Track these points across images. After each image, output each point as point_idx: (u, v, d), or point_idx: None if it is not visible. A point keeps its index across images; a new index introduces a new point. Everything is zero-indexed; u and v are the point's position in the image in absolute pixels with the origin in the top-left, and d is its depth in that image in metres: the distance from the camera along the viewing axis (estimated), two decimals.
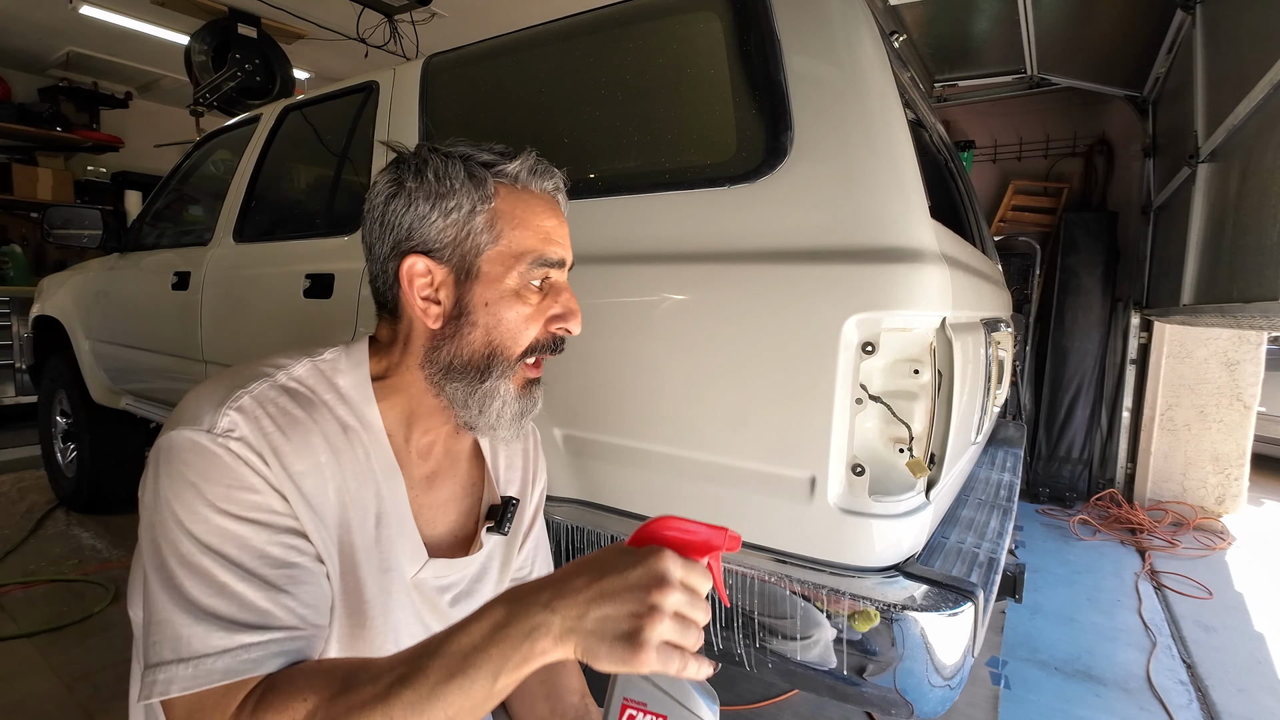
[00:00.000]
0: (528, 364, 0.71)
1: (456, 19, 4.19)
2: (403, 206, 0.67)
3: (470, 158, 0.69)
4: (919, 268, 0.92)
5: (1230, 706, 1.83)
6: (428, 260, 0.67)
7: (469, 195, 0.67)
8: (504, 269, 0.68)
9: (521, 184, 0.70)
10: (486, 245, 0.67)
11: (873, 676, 0.93)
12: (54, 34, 4.54)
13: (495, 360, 0.69)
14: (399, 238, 0.68)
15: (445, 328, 0.68)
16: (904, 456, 0.98)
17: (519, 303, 0.69)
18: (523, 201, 0.70)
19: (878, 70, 1.02)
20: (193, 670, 0.53)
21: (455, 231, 0.67)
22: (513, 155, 0.71)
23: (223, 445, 0.58)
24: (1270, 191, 1.55)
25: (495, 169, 0.69)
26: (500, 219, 0.68)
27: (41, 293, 3.05)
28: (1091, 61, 3.27)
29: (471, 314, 0.68)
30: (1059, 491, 3.57)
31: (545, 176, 0.72)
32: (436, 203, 0.67)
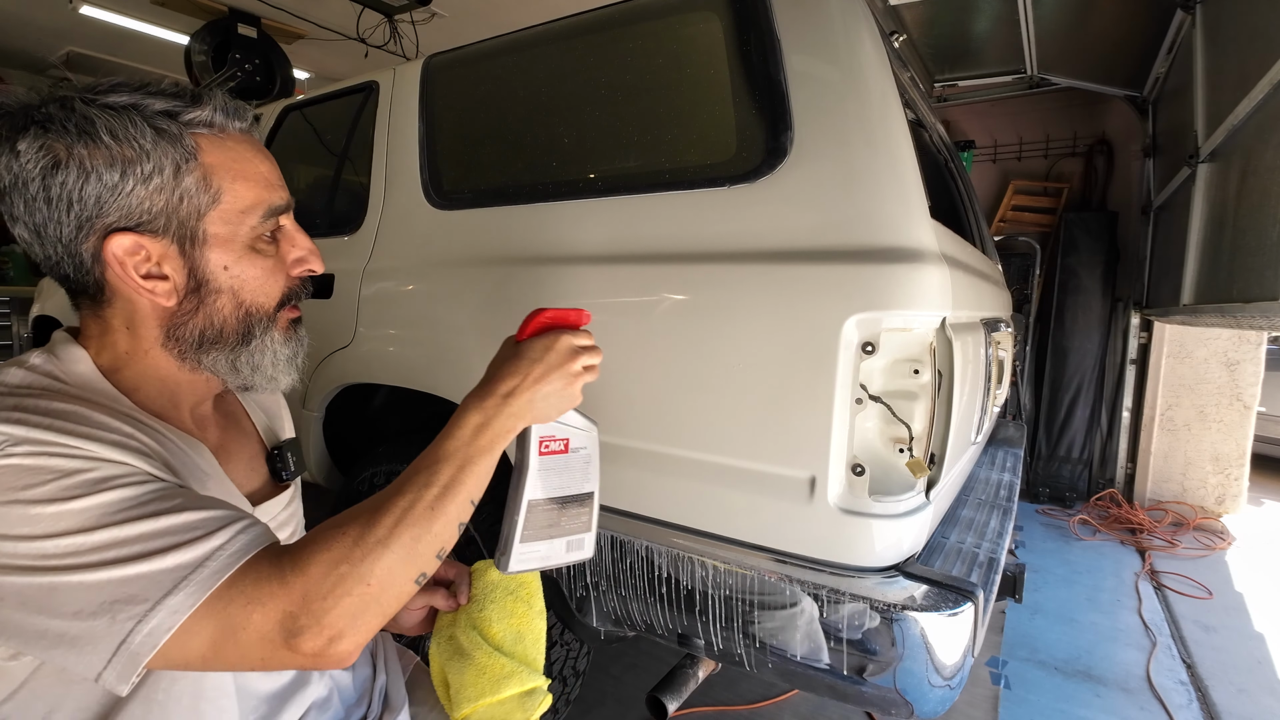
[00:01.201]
0: (285, 311, 0.68)
1: (456, 19, 4.18)
2: (76, 178, 0.56)
3: (141, 107, 0.58)
4: (919, 268, 0.92)
5: (1230, 706, 1.83)
6: (136, 236, 0.58)
7: (166, 154, 0.58)
8: (233, 227, 0.62)
9: (218, 128, 0.62)
10: (207, 206, 0.60)
11: (873, 676, 0.94)
12: (54, 34, 4.54)
13: (253, 320, 0.65)
14: (85, 215, 0.57)
15: (184, 303, 0.62)
16: (904, 456, 0.98)
17: (258, 257, 0.64)
18: (230, 150, 0.62)
19: (878, 70, 1.02)
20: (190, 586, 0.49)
21: (165, 198, 0.58)
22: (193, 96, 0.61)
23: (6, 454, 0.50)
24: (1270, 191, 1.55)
25: (185, 119, 0.60)
26: (214, 174, 0.60)
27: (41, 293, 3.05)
28: (1091, 61, 3.27)
29: (212, 281, 0.62)
30: (1059, 491, 3.57)
31: (238, 115, 0.64)
32: (127, 169, 0.57)
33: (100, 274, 0.60)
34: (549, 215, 1.27)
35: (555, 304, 0.72)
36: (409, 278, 1.46)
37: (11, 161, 0.56)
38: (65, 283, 0.62)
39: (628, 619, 1.17)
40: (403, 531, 0.55)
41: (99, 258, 0.59)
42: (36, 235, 0.59)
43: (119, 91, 0.58)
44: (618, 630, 1.23)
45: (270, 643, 0.50)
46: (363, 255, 1.55)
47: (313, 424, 1.63)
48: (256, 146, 0.66)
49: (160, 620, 0.48)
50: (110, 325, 0.62)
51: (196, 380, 0.66)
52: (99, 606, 0.48)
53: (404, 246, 1.50)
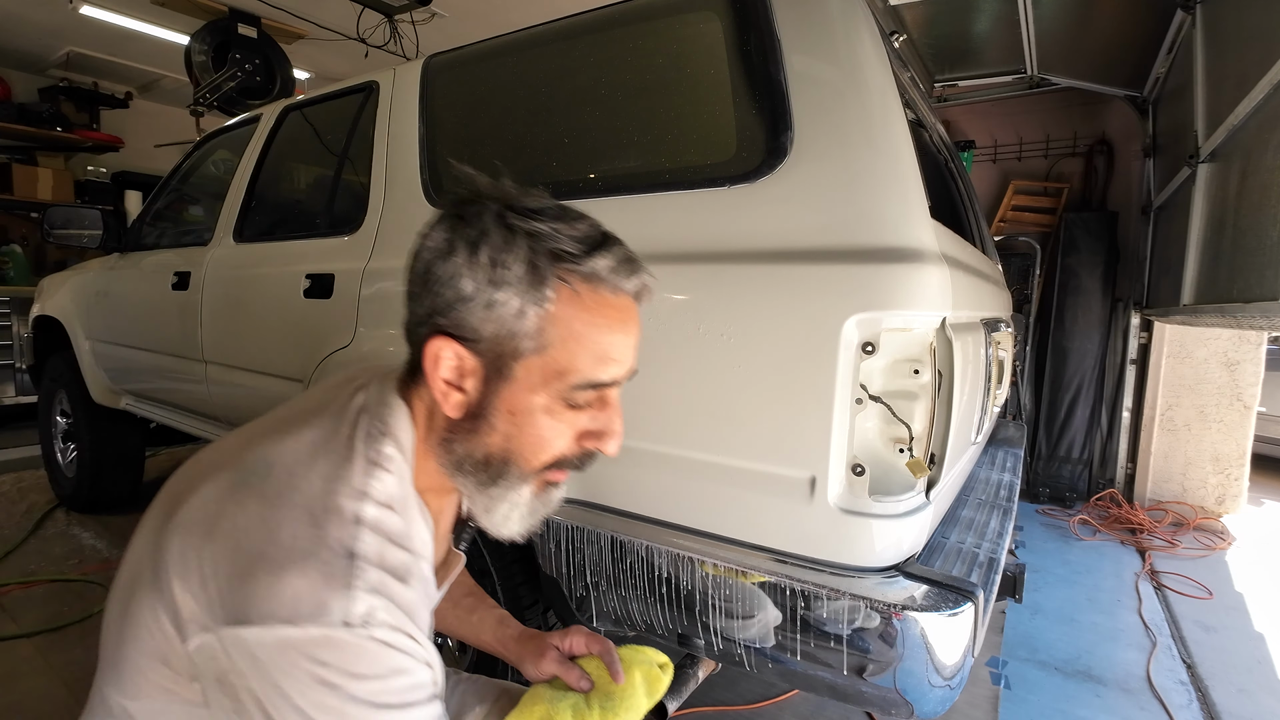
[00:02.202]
0: (549, 473, 0.64)
1: (456, 19, 4.19)
2: (447, 275, 0.58)
3: (538, 239, 0.58)
4: (919, 268, 0.92)
5: (1230, 706, 1.83)
6: (458, 346, 0.59)
7: (522, 293, 0.57)
8: (539, 381, 0.60)
9: (596, 282, 0.60)
10: (528, 353, 0.59)
11: (873, 676, 0.93)
12: (54, 34, 4.54)
13: (509, 469, 0.63)
14: (436, 307, 0.60)
15: (463, 421, 0.62)
16: (904, 456, 0.98)
17: (549, 418, 0.61)
18: (587, 310, 0.59)
19: (878, 70, 1.02)
20: None
21: (496, 327, 0.58)
22: (595, 244, 0.60)
23: (366, 637, 0.51)
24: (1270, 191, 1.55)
25: (566, 264, 0.58)
26: (552, 327, 0.58)
27: (41, 293, 3.05)
28: (1091, 61, 3.27)
29: (492, 417, 0.61)
30: (1059, 491, 3.57)
31: (628, 274, 0.61)
32: (483, 289, 0.57)
33: (420, 360, 0.62)
34: None
35: None
36: None
37: (425, 237, 0.62)
38: (408, 342, 0.66)
39: (628, 619, 1.17)
40: None
41: (422, 347, 0.62)
42: (410, 298, 0.63)
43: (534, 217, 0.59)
44: (618, 630, 1.23)
45: None
46: (363, 255, 1.55)
47: None
48: (624, 316, 0.63)
49: None
50: (423, 405, 0.66)
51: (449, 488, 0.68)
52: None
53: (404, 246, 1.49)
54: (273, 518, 0.54)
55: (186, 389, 2.19)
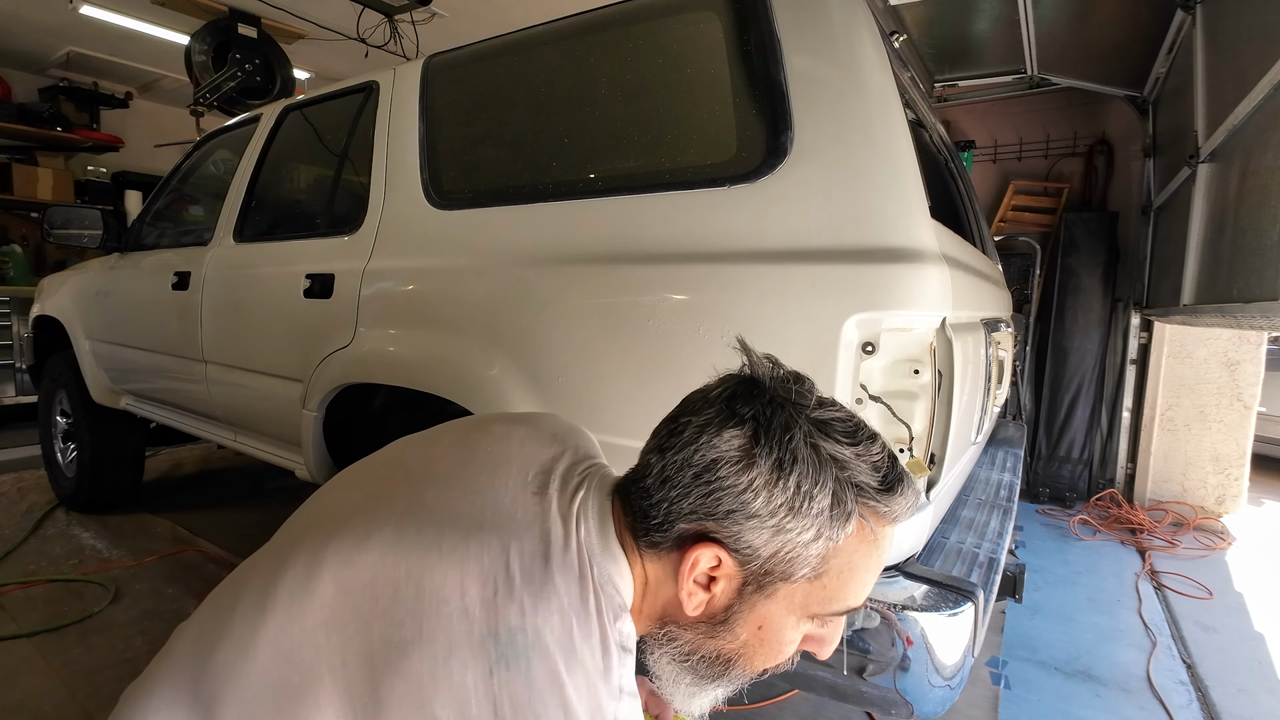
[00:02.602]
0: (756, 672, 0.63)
1: (456, 19, 4.19)
2: (735, 485, 0.54)
3: (845, 468, 0.55)
4: (919, 268, 0.92)
5: (1230, 706, 1.82)
6: (725, 553, 0.56)
7: (820, 526, 0.54)
8: (800, 604, 0.58)
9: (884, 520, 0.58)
10: (803, 579, 0.56)
11: (873, 676, 0.93)
12: (54, 34, 4.54)
13: (733, 673, 0.61)
14: (708, 511, 0.55)
15: (700, 621, 0.59)
16: (904, 456, 0.98)
17: (793, 632, 0.59)
18: (871, 545, 0.57)
19: (878, 70, 1.02)
20: None
21: (777, 550, 0.55)
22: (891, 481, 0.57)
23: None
24: (1270, 191, 1.55)
25: (867, 500, 0.56)
26: (835, 558, 0.56)
27: (41, 293, 3.05)
28: (1091, 61, 3.27)
29: (738, 629, 0.58)
30: (1059, 491, 3.57)
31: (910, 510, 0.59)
32: (776, 514, 0.54)
33: (669, 546, 0.58)
34: (549, 215, 1.27)
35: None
36: (409, 278, 1.46)
37: (710, 434, 0.56)
38: (643, 518, 0.59)
39: None
40: None
41: (682, 540, 0.57)
42: (662, 480, 0.57)
43: (835, 436, 0.56)
44: None
45: None
46: (363, 255, 1.55)
47: (312, 424, 1.63)
48: (892, 542, 0.61)
49: None
50: (640, 573, 0.61)
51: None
52: None
53: (404, 246, 1.50)
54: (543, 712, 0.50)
55: (186, 389, 2.19)
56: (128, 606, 2.14)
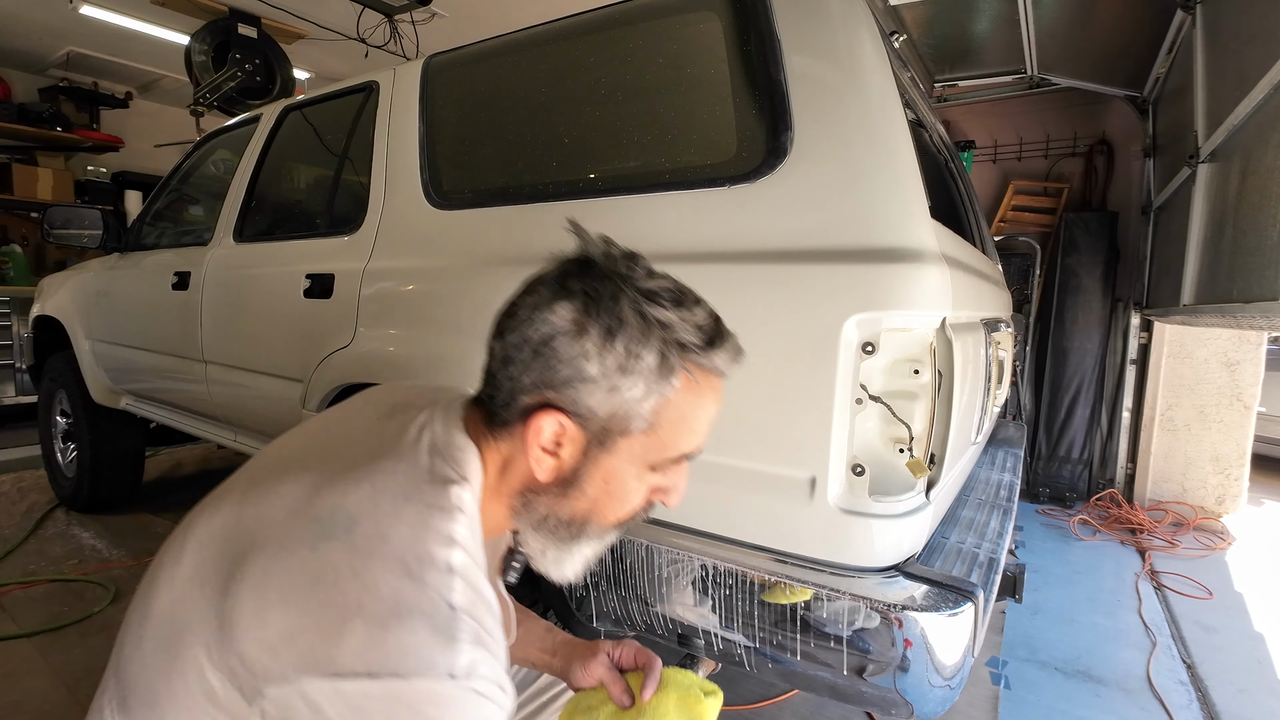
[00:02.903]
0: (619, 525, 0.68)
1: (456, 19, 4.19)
2: (569, 353, 0.58)
3: (668, 330, 0.60)
4: (919, 268, 0.92)
5: (1230, 707, 1.82)
6: (566, 419, 0.60)
7: (649, 381, 0.59)
8: (641, 455, 0.63)
9: (708, 372, 0.63)
10: (638, 431, 0.61)
11: (873, 676, 0.93)
12: (54, 34, 4.54)
13: (590, 529, 0.66)
14: (549, 381, 0.60)
15: (552, 485, 0.64)
16: (904, 456, 0.98)
17: (635, 481, 0.64)
18: (698, 397, 0.62)
19: (878, 70, 1.02)
20: None
21: (613, 409, 0.60)
22: (713, 337, 0.62)
23: (468, 689, 0.51)
24: (1270, 191, 1.55)
25: (691, 355, 0.61)
26: (666, 410, 0.61)
27: (41, 293, 3.05)
28: (1091, 61, 3.27)
29: (586, 485, 0.63)
30: (1059, 491, 3.57)
31: (734, 363, 0.64)
32: (610, 375, 0.58)
33: (515, 420, 0.62)
34: (549, 215, 1.27)
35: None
36: (409, 278, 1.46)
37: (542, 307, 0.60)
38: (488, 398, 0.65)
39: (628, 619, 1.17)
40: None
41: (526, 412, 0.61)
42: (503, 360, 0.62)
43: (660, 301, 0.60)
44: (618, 630, 1.23)
45: None
46: (363, 255, 1.55)
47: None
48: (719, 394, 0.66)
49: None
50: (498, 455, 0.65)
51: (508, 529, 0.70)
52: None
53: (404, 246, 1.50)
54: (367, 570, 0.53)
55: (186, 389, 2.19)
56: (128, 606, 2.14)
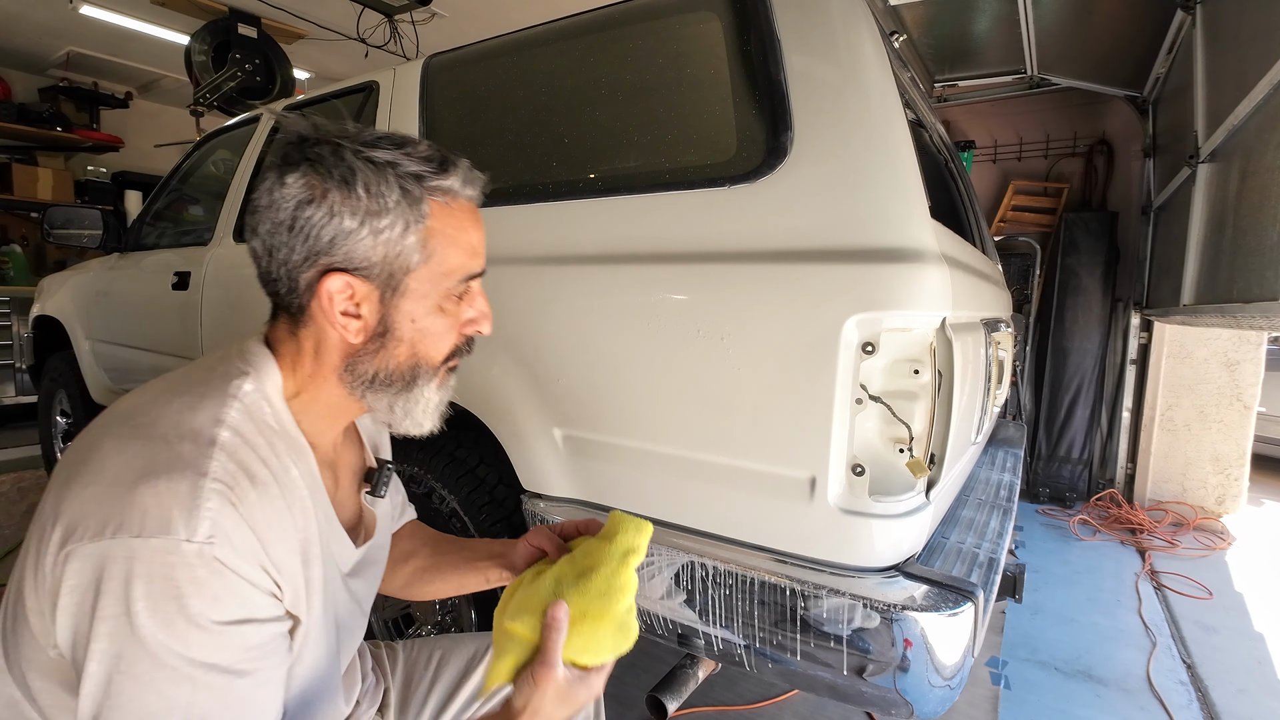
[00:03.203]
0: (446, 365, 0.72)
1: (456, 19, 4.19)
2: (322, 216, 0.61)
3: (398, 166, 0.63)
4: (919, 268, 0.92)
5: (1230, 707, 1.83)
6: (350, 277, 0.63)
7: (403, 214, 0.63)
8: (431, 286, 0.67)
9: (453, 196, 0.67)
10: (418, 264, 0.65)
11: (873, 676, 0.94)
12: (54, 34, 4.54)
13: (420, 370, 0.69)
14: (316, 249, 0.62)
15: (369, 343, 0.66)
16: (904, 456, 0.98)
17: (442, 315, 0.68)
18: (454, 217, 0.67)
19: (878, 70, 1.02)
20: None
21: (386, 250, 0.63)
22: (442, 161, 0.66)
23: (208, 556, 0.53)
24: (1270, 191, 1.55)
25: (429, 184, 0.65)
26: (434, 238, 0.65)
27: (41, 292, 3.05)
28: (1091, 61, 3.27)
29: (397, 330, 0.67)
30: (1059, 491, 3.57)
31: (474, 184, 0.69)
32: (366, 219, 0.62)
33: (307, 300, 0.65)
34: (549, 215, 1.27)
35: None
36: None
37: (276, 187, 0.62)
38: (275, 297, 0.68)
39: None
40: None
41: (312, 288, 0.64)
42: (268, 253, 0.64)
43: (382, 146, 0.63)
44: None
45: None
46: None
47: None
48: (476, 215, 0.71)
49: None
50: (302, 346, 0.67)
51: (351, 409, 0.71)
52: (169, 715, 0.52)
53: None
54: (129, 448, 0.56)
55: None
56: None
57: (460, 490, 1.34)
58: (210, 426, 0.59)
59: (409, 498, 1.06)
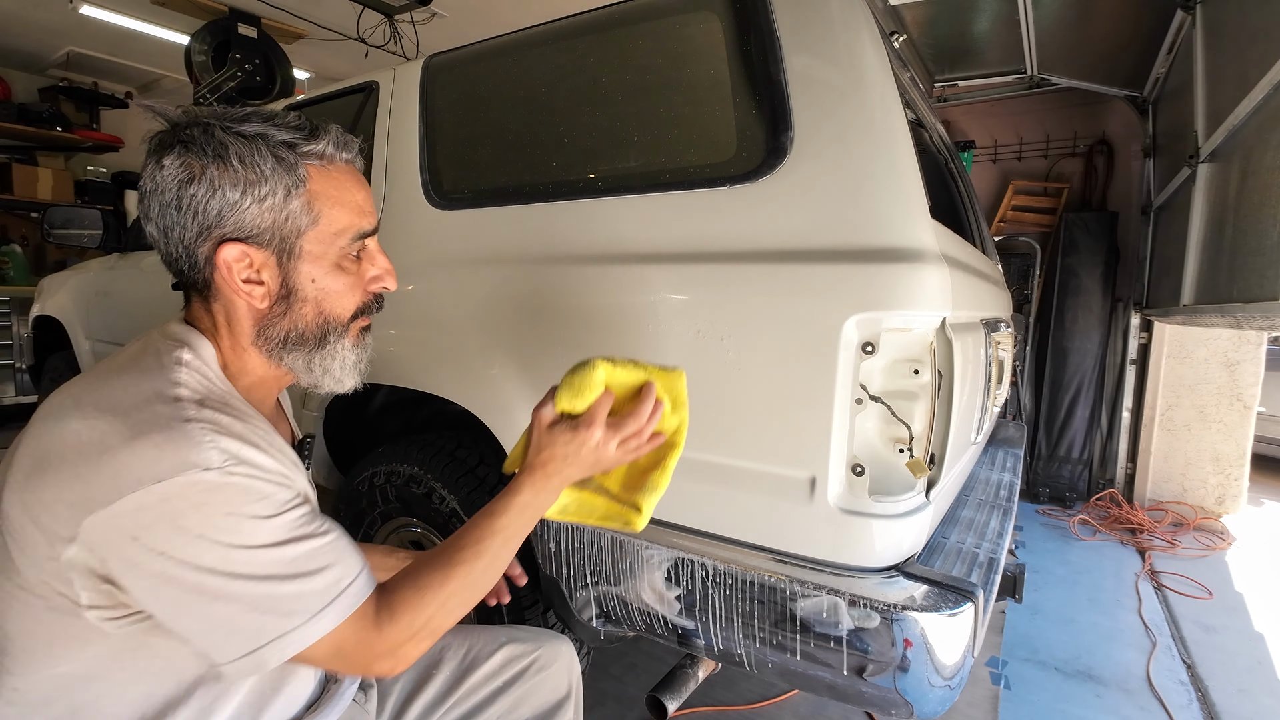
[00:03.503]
0: (358, 322, 0.76)
1: (456, 19, 4.19)
2: (205, 192, 0.65)
3: (268, 137, 0.67)
4: (919, 268, 0.92)
5: (1230, 707, 1.82)
6: (244, 246, 0.67)
7: (281, 180, 0.67)
8: (325, 246, 0.71)
9: (328, 159, 0.71)
10: (307, 227, 0.69)
11: (873, 676, 0.93)
12: (54, 34, 4.54)
13: (329, 328, 0.73)
14: (206, 223, 0.66)
15: (275, 306, 0.70)
16: (904, 456, 0.98)
17: (342, 274, 0.72)
18: (334, 179, 0.71)
19: (878, 70, 1.02)
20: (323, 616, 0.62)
21: (273, 216, 0.67)
22: (311, 129, 0.70)
23: (229, 474, 0.59)
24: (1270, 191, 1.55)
25: (301, 150, 0.69)
26: (317, 200, 0.69)
27: (41, 293, 3.05)
28: (1091, 61, 3.27)
29: (300, 291, 0.70)
30: (1059, 491, 3.57)
31: (347, 147, 0.73)
32: (247, 189, 0.66)
33: (210, 274, 0.69)
34: (549, 215, 1.27)
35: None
36: (409, 278, 1.46)
37: (155, 171, 0.66)
38: (179, 276, 0.72)
39: (628, 619, 1.17)
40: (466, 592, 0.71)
41: (210, 261, 0.68)
42: (164, 235, 0.68)
43: (251, 121, 0.67)
44: (618, 630, 1.23)
45: (357, 665, 0.65)
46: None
47: (312, 424, 1.63)
48: (356, 176, 0.74)
49: (294, 638, 0.61)
50: (216, 320, 0.71)
51: (279, 376, 0.75)
52: (254, 613, 0.59)
53: (404, 246, 1.50)
54: (98, 424, 0.59)
55: None
56: None
57: (460, 490, 1.35)
58: (169, 388, 0.63)
59: (409, 498, 1.07)
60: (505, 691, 0.92)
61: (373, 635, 0.65)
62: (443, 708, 0.91)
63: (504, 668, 0.93)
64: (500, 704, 0.91)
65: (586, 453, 0.76)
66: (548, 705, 0.93)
